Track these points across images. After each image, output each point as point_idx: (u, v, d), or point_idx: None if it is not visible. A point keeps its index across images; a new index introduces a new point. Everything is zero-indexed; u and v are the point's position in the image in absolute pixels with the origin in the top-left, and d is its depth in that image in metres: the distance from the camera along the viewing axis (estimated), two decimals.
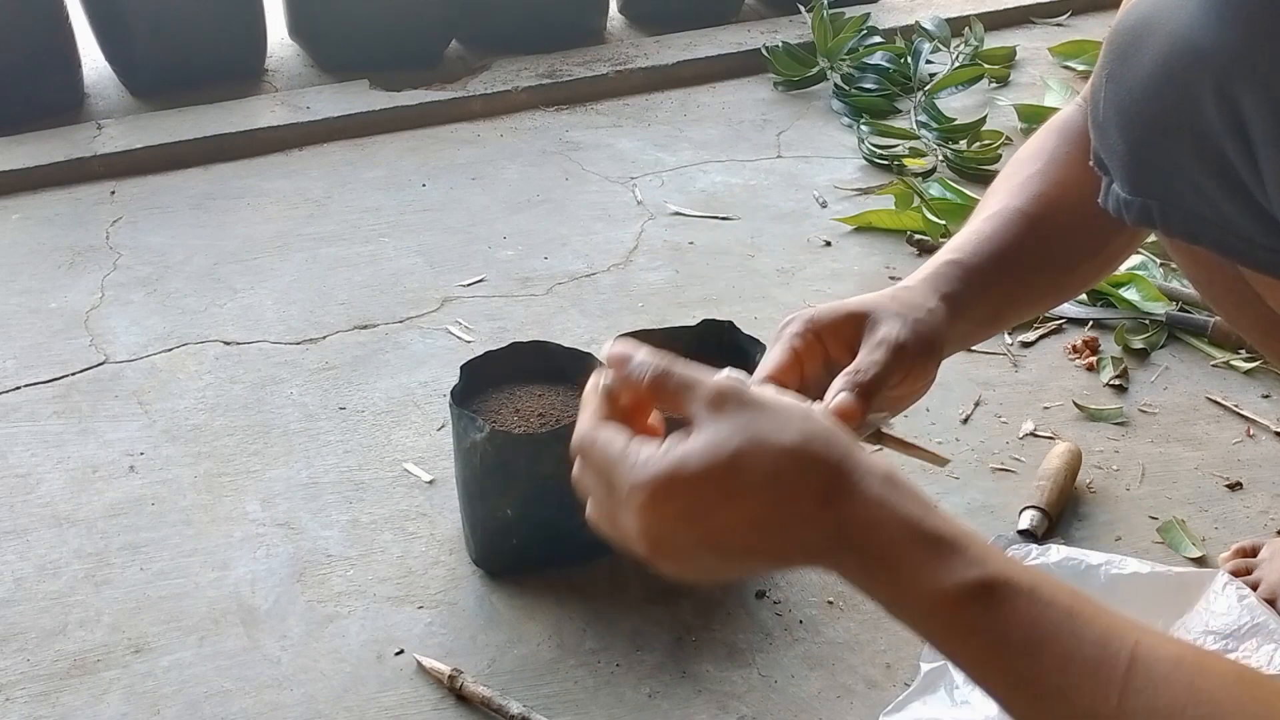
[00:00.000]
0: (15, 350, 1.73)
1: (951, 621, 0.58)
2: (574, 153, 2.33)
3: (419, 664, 1.17)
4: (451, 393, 1.26)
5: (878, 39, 2.68)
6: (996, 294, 0.85)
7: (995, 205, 0.88)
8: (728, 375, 0.64)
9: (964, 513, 1.34)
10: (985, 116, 2.33)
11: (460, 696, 1.13)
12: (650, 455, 0.61)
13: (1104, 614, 0.59)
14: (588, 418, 0.67)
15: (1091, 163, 0.74)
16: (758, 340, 1.34)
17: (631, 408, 0.68)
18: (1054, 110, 2.33)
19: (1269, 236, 0.64)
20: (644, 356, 0.66)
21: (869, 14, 2.79)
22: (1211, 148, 0.64)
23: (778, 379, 0.76)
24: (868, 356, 0.76)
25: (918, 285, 0.82)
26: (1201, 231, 0.68)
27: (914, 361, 0.77)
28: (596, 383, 0.68)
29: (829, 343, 0.78)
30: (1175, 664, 0.57)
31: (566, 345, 1.35)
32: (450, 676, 1.14)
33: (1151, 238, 1.02)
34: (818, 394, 0.75)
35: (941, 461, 0.77)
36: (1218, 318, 1.65)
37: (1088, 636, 0.57)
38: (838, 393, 0.73)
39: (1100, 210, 0.86)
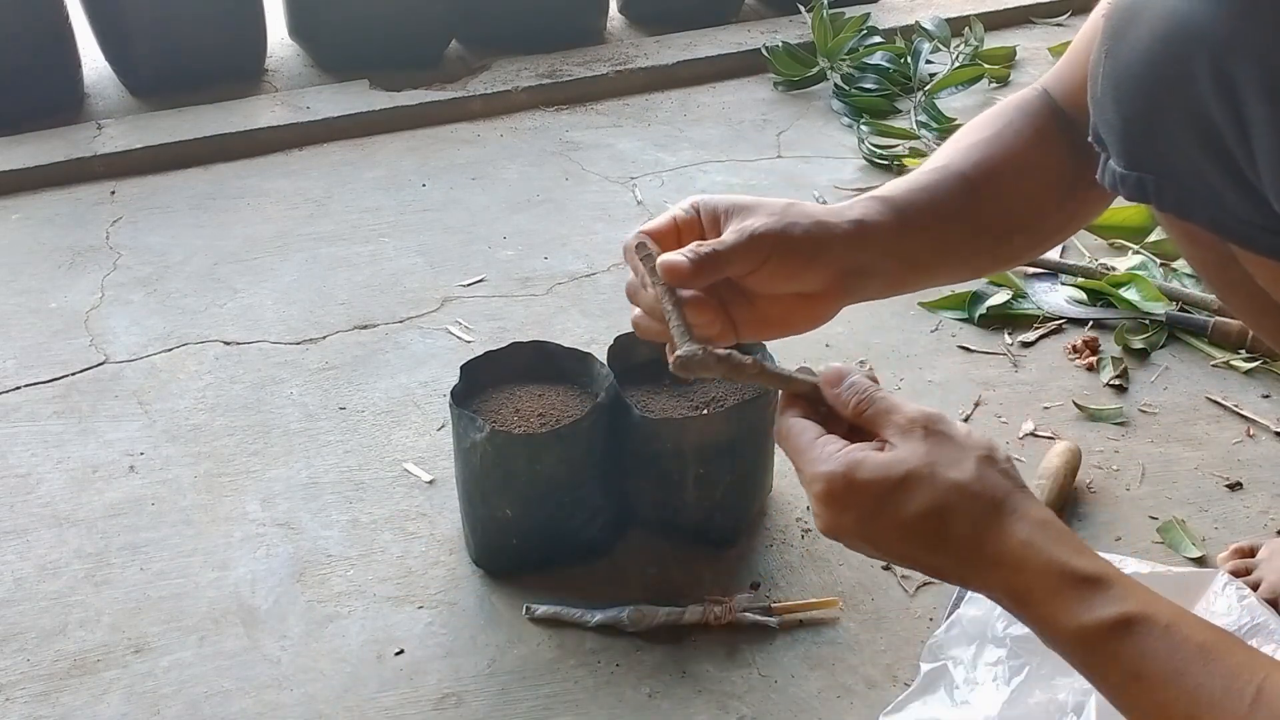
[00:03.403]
0: (15, 350, 1.73)
1: (1091, 654, 0.66)
2: (574, 153, 2.33)
3: None
4: (451, 393, 1.26)
5: (878, 39, 2.68)
6: (918, 238, 0.85)
7: (937, 163, 0.89)
8: (919, 411, 0.72)
9: None
10: None
11: None
12: (832, 452, 0.71)
13: (1238, 650, 0.65)
14: (784, 404, 0.76)
15: (1090, 138, 0.75)
16: (757, 341, 1.34)
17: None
18: None
19: (1258, 214, 0.65)
20: (855, 379, 0.75)
21: (869, 14, 2.79)
22: (1206, 123, 0.64)
23: (653, 235, 0.80)
24: (721, 236, 0.78)
25: (825, 207, 0.83)
26: (1194, 208, 0.68)
27: (775, 255, 0.77)
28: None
29: (707, 223, 0.81)
30: None
31: (566, 345, 1.35)
32: None
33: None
34: None
35: (807, 385, 0.77)
36: (1217, 318, 1.65)
37: (1218, 671, 0.63)
38: (674, 254, 0.76)
39: (1040, 188, 0.89)
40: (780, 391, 0.78)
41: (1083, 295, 1.76)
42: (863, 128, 2.36)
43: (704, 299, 0.77)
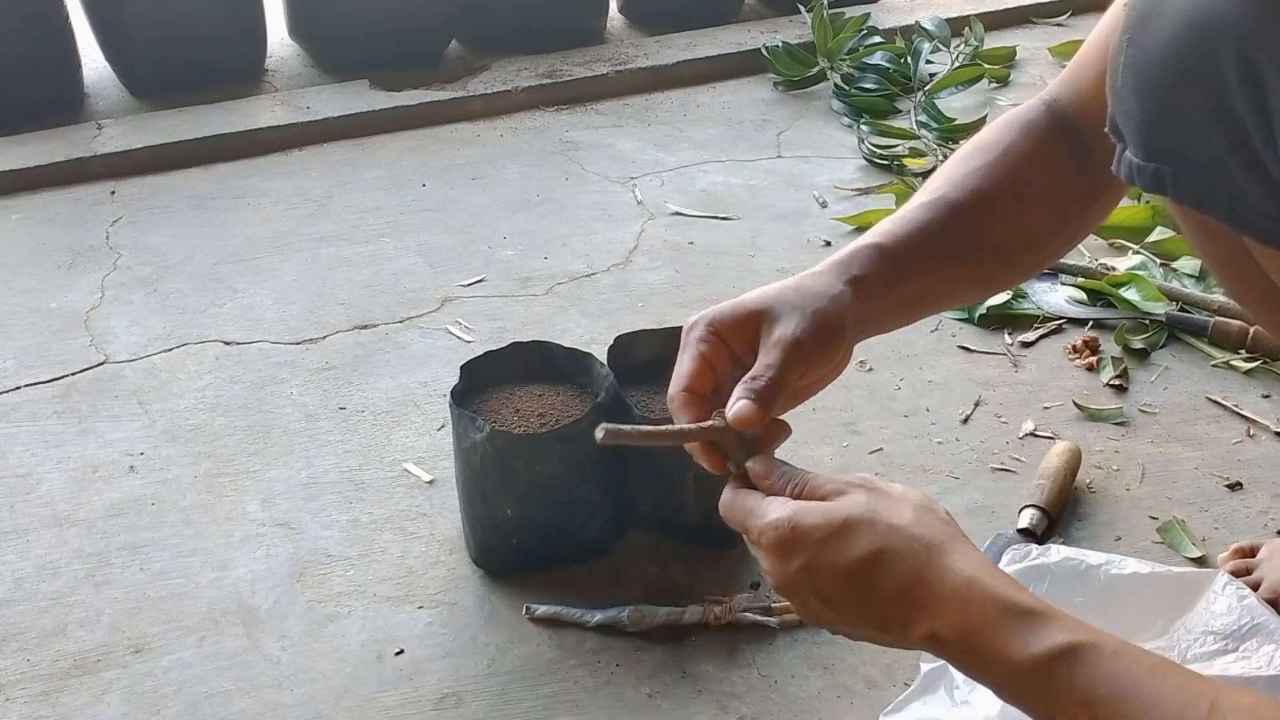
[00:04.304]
0: (15, 350, 1.73)
1: (1043, 684, 0.66)
2: (574, 153, 2.33)
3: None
4: (451, 393, 1.26)
5: (878, 39, 2.68)
6: (917, 280, 0.87)
7: (932, 193, 0.90)
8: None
9: (964, 513, 1.34)
10: (985, 116, 2.33)
11: None
12: (778, 505, 0.73)
13: (1184, 672, 0.65)
14: (729, 489, 0.78)
15: (1106, 129, 0.74)
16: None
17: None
18: None
19: (1277, 208, 0.64)
20: (783, 468, 0.76)
21: (869, 14, 2.79)
22: (1228, 115, 0.63)
23: (694, 389, 0.80)
24: (764, 360, 0.79)
25: (825, 270, 0.84)
26: (1211, 200, 0.67)
27: (815, 352, 0.79)
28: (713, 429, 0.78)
29: (732, 343, 0.81)
30: (1250, 711, 0.62)
31: (566, 345, 1.35)
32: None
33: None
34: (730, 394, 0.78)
35: (715, 429, 0.78)
36: (1217, 318, 1.65)
37: (1169, 689, 0.63)
38: (736, 400, 0.76)
39: (1041, 209, 0.90)
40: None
41: (1083, 295, 1.76)
42: (863, 128, 2.36)
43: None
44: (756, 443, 0.78)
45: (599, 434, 0.76)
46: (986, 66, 2.61)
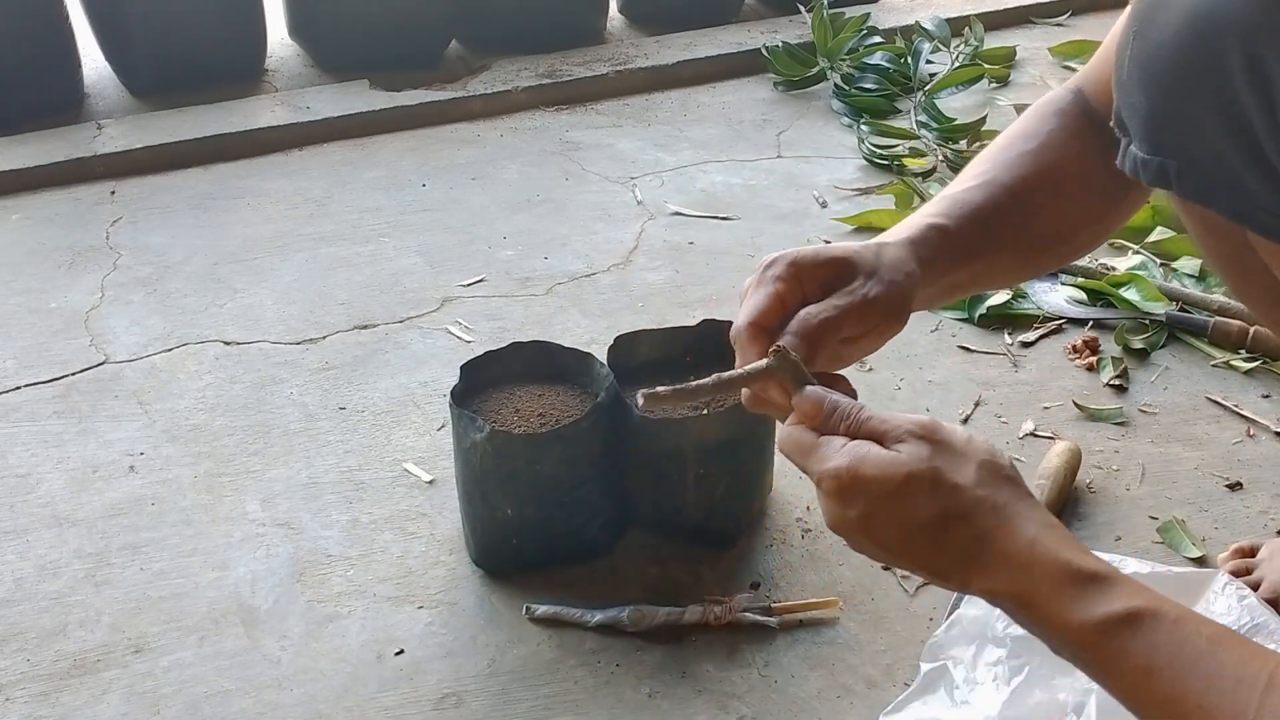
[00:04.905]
0: (15, 350, 1.73)
1: (1101, 649, 0.66)
2: (574, 153, 2.33)
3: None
4: (451, 393, 1.26)
5: (878, 39, 2.68)
6: (971, 266, 0.88)
7: (983, 175, 0.90)
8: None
9: None
10: (985, 116, 2.33)
11: None
12: (838, 447, 0.71)
13: (1246, 644, 0.65)
14: (786, 425, 0.76)
15: (1112, 123, 0.74)
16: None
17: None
18: None
19: None
20: (835, 401, 0.74)
21: (869, 14, 2.79)
22: (1234, 109, 0.63)
23: (761, 322, 0.79)
24: (831, 301, 0.78)
25: (899, 245, 0.83)
26: (1215, 194, 0.67)
27: (880, 318, 0.80)
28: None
29: (807, 285, 0.81)
30: None
31: (566, 345, 1.35)
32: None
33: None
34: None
35: (760, 367, 0.77)
36: (1217, 318, 1.65)
37: (1229, 661, 0.63)
38: (784, 334, 0.77)
39: (1080, 199, 0.89)
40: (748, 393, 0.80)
41: (1083, 295, 1.76)
42: (863, 128, 2.36)
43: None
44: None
45: (640, 400, 0.76)
46: (986, 66, 2.61)
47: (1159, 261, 1.83)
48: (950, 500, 0.69)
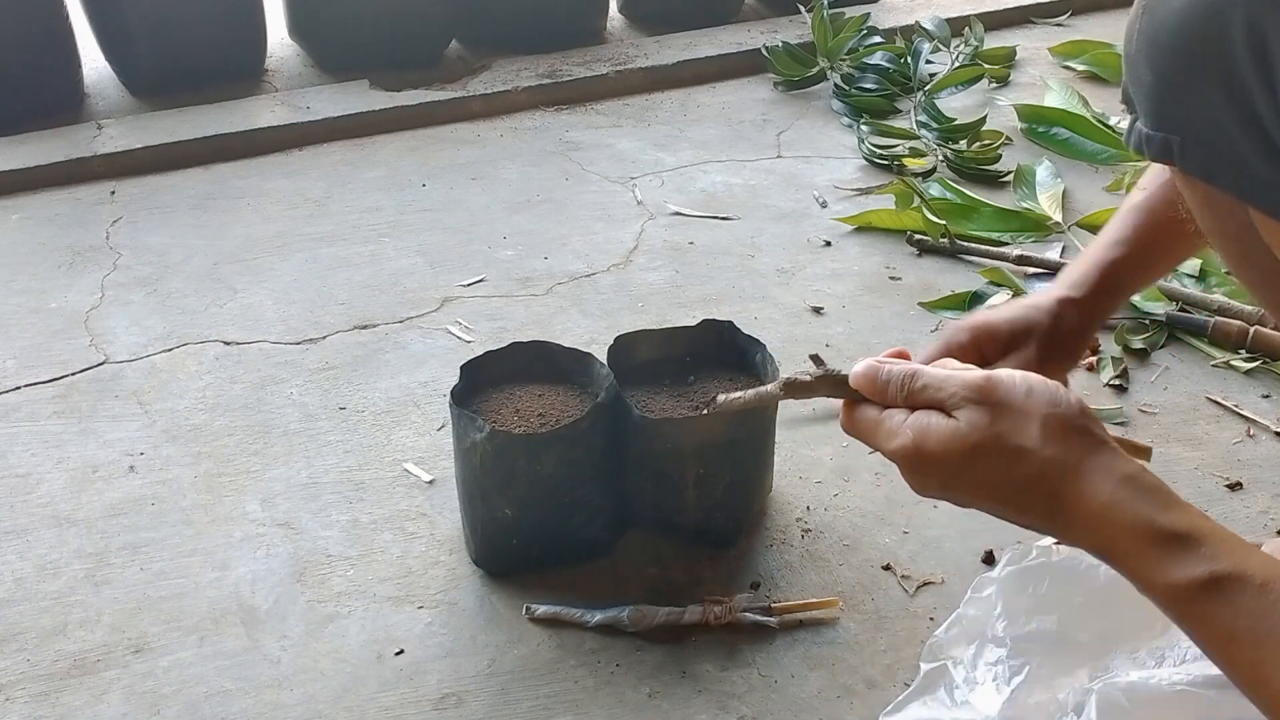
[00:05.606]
0: (15, 350, 1.73)
1: (1182, 612, 0.66)
2: (574, 153, 2.33)
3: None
4: (451, 393, 1.26)
5: (878, 39, 2.68)
6: (1149, 277, 0.99)
7: (1147, 198, 0.98)
8: (979, 375, 0.74)
9: (964, 513, 1.34)
10: (985, 116, 2.33)
11: None
12: (899, 424, 0.72)
13: None
14: (845, 408, 0.79)
15: (1120, 100, 0.74)
16: (757, 340, 1.34)
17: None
18: (1055, 110, 2.33)
19: None
20: (888, 370, 0.76)
21: (869, 14, 2.79)
22: (1236, 83, 0.63)
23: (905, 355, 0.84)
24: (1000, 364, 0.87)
25: (1088, 298, 0.93)
26: (1218, 171, 0.67)
27: (1049, 374, 0.83)
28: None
29: (986, 347, 0.88)
30: None
31: (566, 345, 1.35)
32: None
33: None
34: None
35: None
36: (1218, 318, 1.65)
37: None
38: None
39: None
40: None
41: None
42: (863, 128, 2.36)
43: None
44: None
45: (712, 408, 0.81)
46: (986, 66, 2.61)
47: None
48: (1017, 466, 0.69)
